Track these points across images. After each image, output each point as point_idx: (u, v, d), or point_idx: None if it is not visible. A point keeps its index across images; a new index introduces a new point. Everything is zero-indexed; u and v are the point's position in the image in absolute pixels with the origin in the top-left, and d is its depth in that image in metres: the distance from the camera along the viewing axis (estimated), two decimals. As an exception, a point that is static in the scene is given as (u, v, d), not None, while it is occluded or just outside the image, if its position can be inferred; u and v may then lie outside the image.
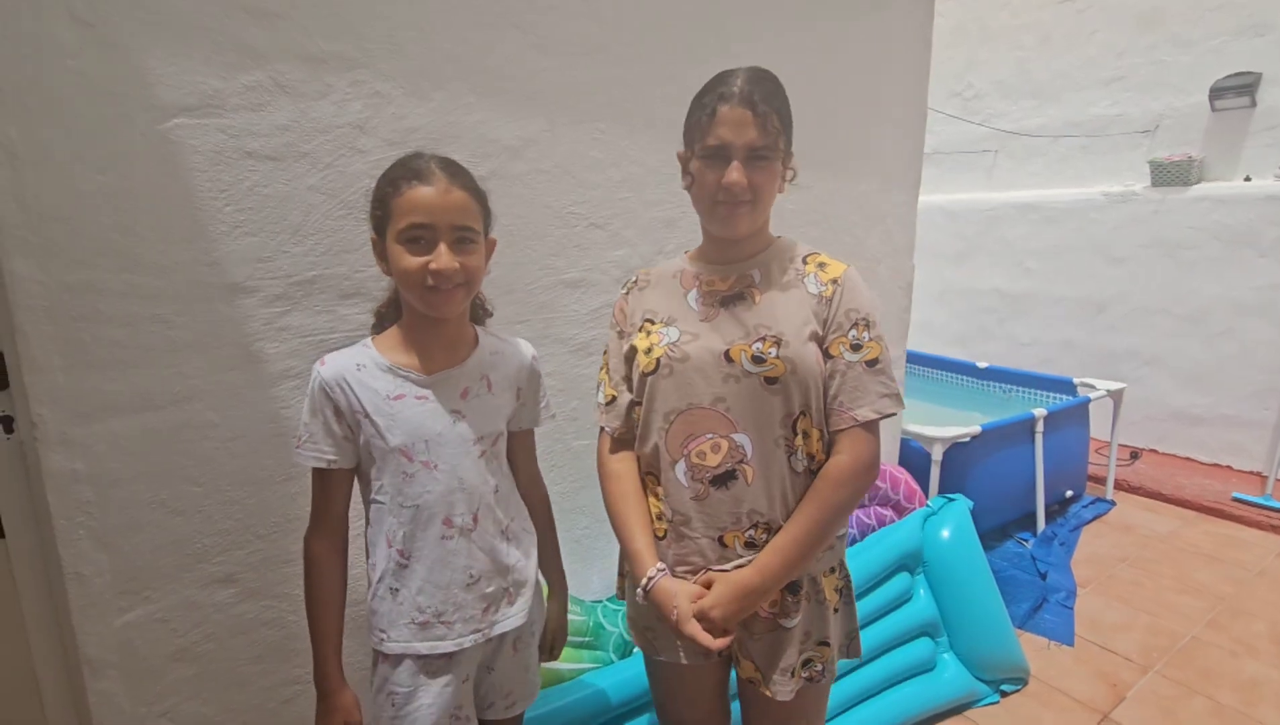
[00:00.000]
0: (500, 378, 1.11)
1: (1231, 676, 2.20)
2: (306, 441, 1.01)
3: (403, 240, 0.95)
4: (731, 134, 0.99)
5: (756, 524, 1.04)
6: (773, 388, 1.02)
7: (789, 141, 1.06)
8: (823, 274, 1.08)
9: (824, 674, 1.11)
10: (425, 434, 1.01)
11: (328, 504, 1.04)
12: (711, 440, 1.03)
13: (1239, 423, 3.83)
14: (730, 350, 1.03)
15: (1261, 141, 3.80)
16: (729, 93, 0.99)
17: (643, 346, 1.09)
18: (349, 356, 1.03)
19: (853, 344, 1.04)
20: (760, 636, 1.09)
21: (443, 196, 0.95)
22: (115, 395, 1.15)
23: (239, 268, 1.23)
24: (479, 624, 1.07)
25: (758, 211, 1.05)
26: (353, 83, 1.30)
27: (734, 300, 1.08)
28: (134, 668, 1.24)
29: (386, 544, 1.03)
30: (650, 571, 1.04)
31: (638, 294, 1.17)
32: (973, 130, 4.99)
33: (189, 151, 1.16)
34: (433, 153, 1.01)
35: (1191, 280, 3.93)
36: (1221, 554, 3.03)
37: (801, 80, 2.14)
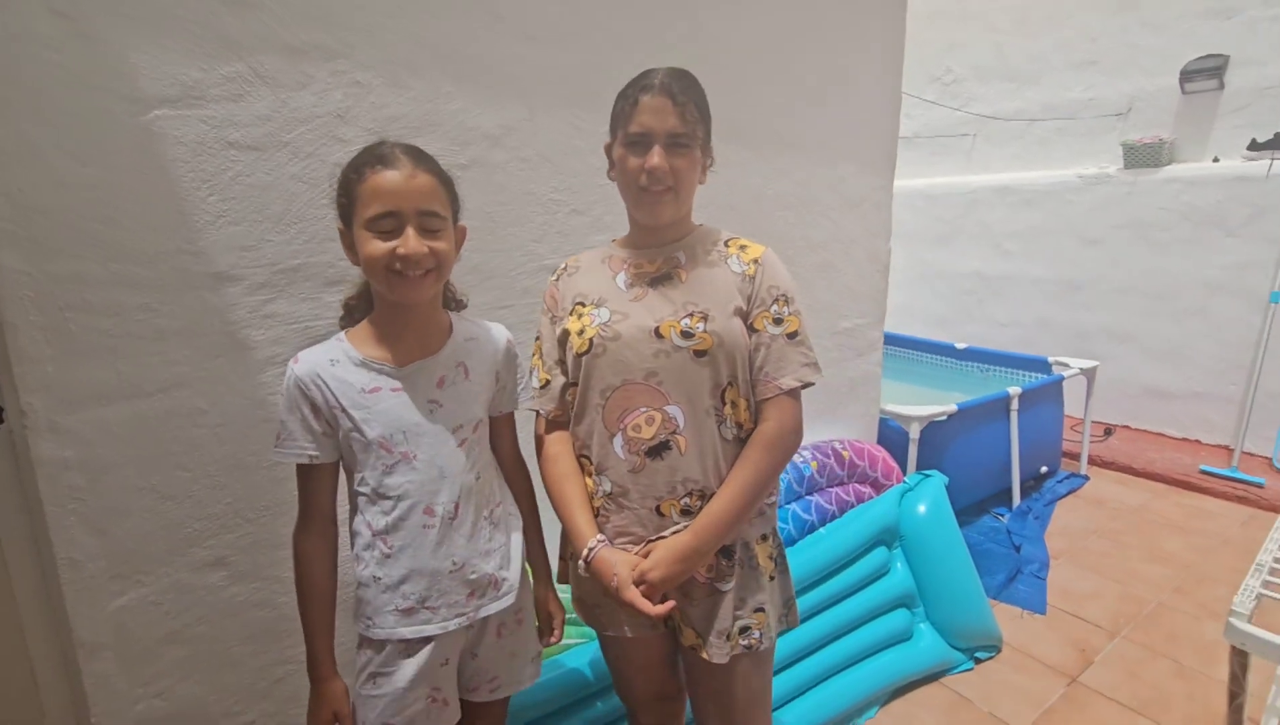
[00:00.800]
0: (477, 364, 1.12)
1: (1194, 639, 2.29)
2: (285, 439, 1.01)
3: (369, 227, 0.96)
4: (653, 120, 1.05)
5: (691, 492, 1.09)
6: (701, 360, 1.07)
7: (708, 133, 1.13)
8: (744, 255, 1.15)
9: (762, 640, 1.14)
10: (403, 425, 1.03)
11: (313, 500, 1.05)
12: (645, 413, 1.08)
13: (1208, 398, 3.94)
14: (660, 327, 1.08)
15: (1230, 123, 3.88)
16: (650, 84, 1.06)
17: (575, 328, 1.13)
18: (322, 352, 1.03)
19: (775, 318, 1.11)
20: (699, 602, 1.14)
21: (408, 181, 0.96)
22: (104, 383, 1.17)
23: (223, 256, 1.25)
24: (464, 609, 1.09)
25: (680, 197, 1.10)
26: (332, 73, 1.32)
27: (661, 280, 1.13)
28: (128, 650, 1.27)
29: (370, 533, 1.05)
30: (591, 542, 1.08)
31: (567, 279, 1.21)
32: (951, 114, 5.05)
33: (171, 142, 1.17)
34: (396, 140, 1.02)
35: (1163, 260, 4.02)
36: (1189, 524, 3.14)
37: (777, 64, 2.19)
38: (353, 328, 1.08)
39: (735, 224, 2.10)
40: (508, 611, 1.16)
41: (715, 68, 1.97)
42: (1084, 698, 2.03)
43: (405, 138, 1.42)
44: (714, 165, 1.17)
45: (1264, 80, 3.75)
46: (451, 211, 1.05)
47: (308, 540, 1.05)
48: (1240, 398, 3.78)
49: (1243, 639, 1.12)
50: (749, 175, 2.14)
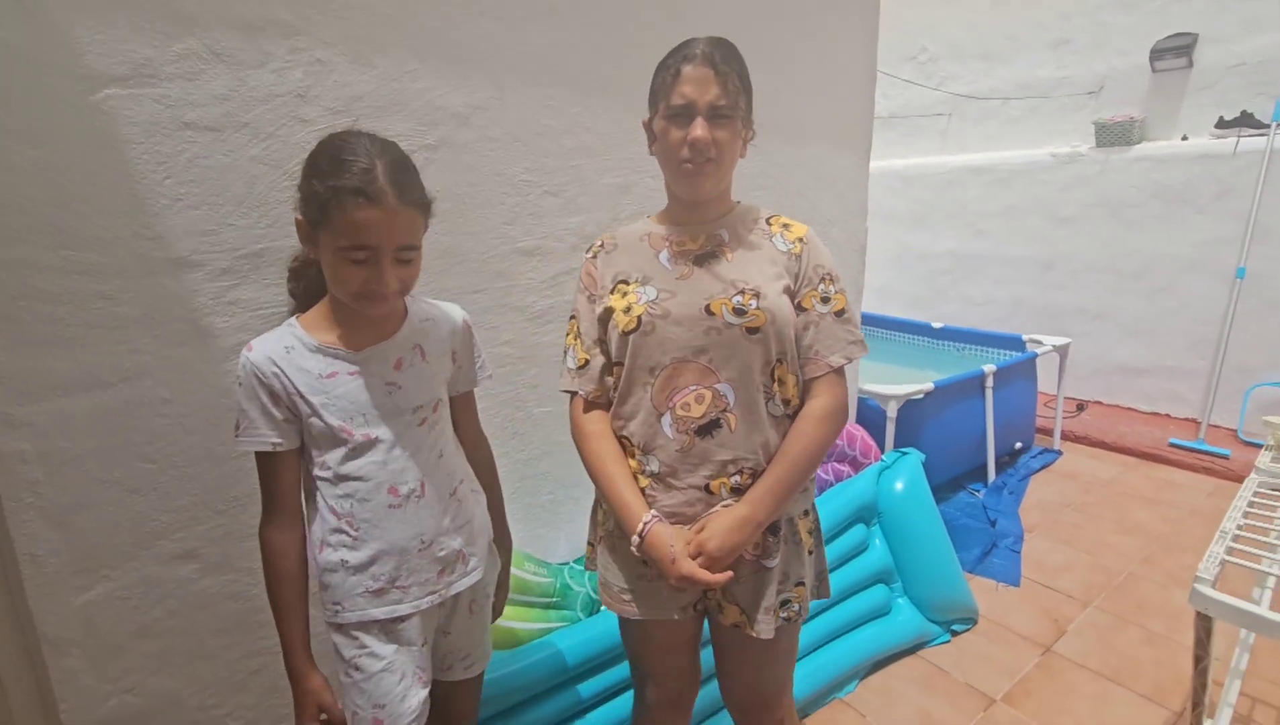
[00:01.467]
0: (433, 344, 1.11)
1: (1162, 607, 2.36)
2: (247, 427, 0.99)
3: (343, 258, 0.93)
4: (695, 91, 1.03)
5: (741, 469, 1.08)
6: (754, 337, 1.06)
7: (749, 104, 1.10)
8: (788, 233, 1.14)
9: (799, 613, 1.17)
10: (362, 408, 1.02)
11: (279, 489, 1.03)
12: (695, 392, 1.07)
13: (1177, 373, 4.02)
14: (710, 304, 1.07)
15: (1198, 101, 3.93)
16: (692, 54, 1.04)
17: (620, 306, 1.10)
18: (276, 339, 1.01)
19: (822, 296, 1.11)
20: (745, 579, 1.13)
21: (389, 220, 0.91)
22: (61, 373, 1.13)
23: (183, 241, 1.21)
24: (435, 586, 1.09)
25: (722, 170, 1.08)
26: (292, 50, 1.28)
27: (706, 258, 1.11)
28: (96, 645, 1.24)
29: (334, 517, 1.03)
30: (645, 517, 1.07)
31: (605, 257, 1.18)
32: (928, 94, 5.06)
33: (123, 123, 1.13)
34: (376, 147, 0.93)
35: (1134, 238, 4.08)
36: (1158, 496, 3.22)
37: (752, 43, 2.15)
38: (304, 313, 1.05)
39: (711, 205, 2.10)
40: (478, 587, 1.17)
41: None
42: (1057, 666, 2.08)
43: (370, 117, 1.40)
44: (754, 138, 1.14)
45: (1231, 58, 3.80)
46: (425, 228, 1.02)
47: (278, 533, 1.03)
48: (1207, 372, 3.86)
49: (1206, 604, 1.15)
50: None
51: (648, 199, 1.95)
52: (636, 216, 1.92)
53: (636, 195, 1.92)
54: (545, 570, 1.76)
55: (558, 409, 1.86)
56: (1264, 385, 3.67)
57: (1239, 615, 1.11)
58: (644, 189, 1.93)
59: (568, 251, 1.79)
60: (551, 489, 1.90)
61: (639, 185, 1.92)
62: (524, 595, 1.67)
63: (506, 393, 1.74)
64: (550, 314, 1.79)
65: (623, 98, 1.82)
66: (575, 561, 1.90)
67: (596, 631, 1.61)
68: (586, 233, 1.82)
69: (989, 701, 1.94)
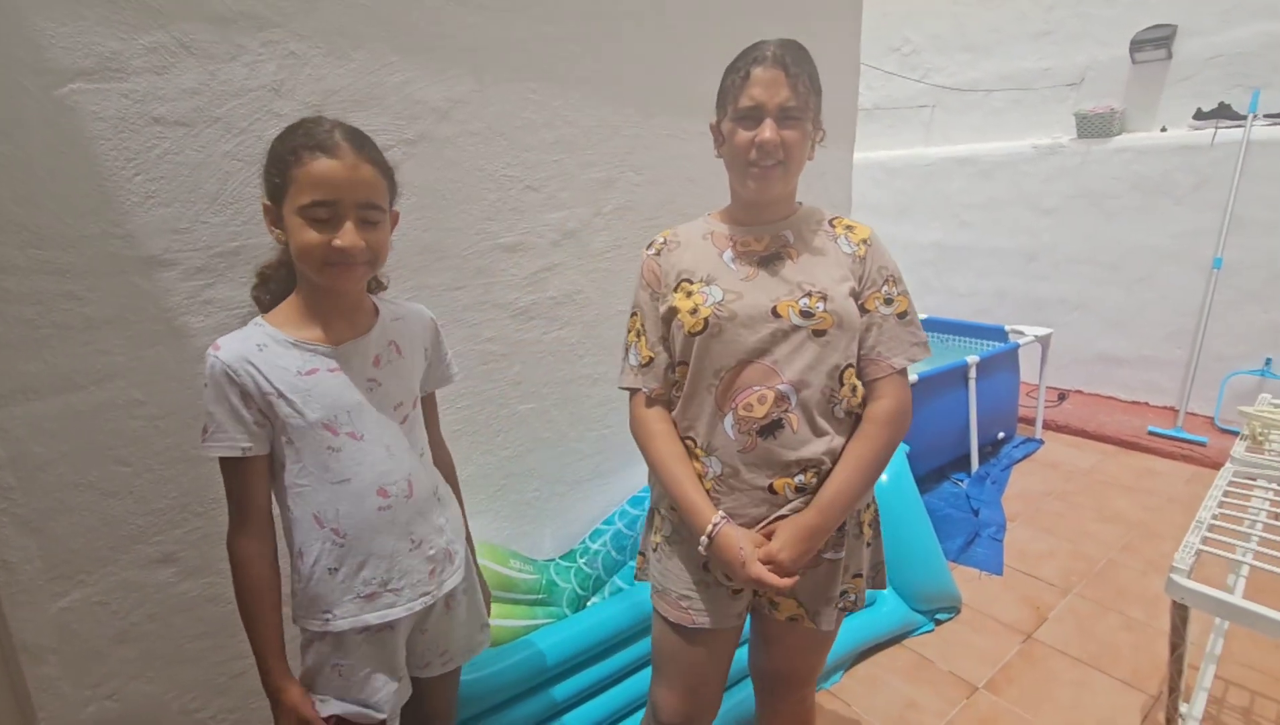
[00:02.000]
0: (408, 342, 1.10)
1: (1141, 593, 2.40)
2: (215, 431, 0.94)
3: (304, 215, 0.91)
4: (765, 94, 1.03)
5: (806, 469, 1.08)
6: (821, 340, 1.06)
7: (819, 106, 1.10)
8: (852, 235, 1.13)
9: (856, 604, 1.18)
10: (345, 405, 0.99)
11: (249, 497, 0.98)
12: (758, 392, 1.07)
13: (1156, 362, 4.08)
14: (777, 306, 1.07)
15: (1177, 92, 3.97)
16: (762, 56, 1.04)
17: (686, 307, 1.10)
18: (245, 337, 0.97)
19: (885, 298, 1.11)
20: (807, 573, 1.13)
21: (350, 171, 0.91)
22: (31, 376, 1.11)
23: (155, 240, 1.19)
24: (427, 586, 1.08)
25: (789, 172, 1.08)
26: (265, 43, 1.25)
27: (771, 260, 1.11)
28: (74, 652, 1.22)
29: (317, 524, 0.99)
30: (715, 518, 1.07)
31: (668, 254, 1.17)
32: (911, 86, 5.07)
33: (90, 118, 1.10)
34: (336, 119, 0.96)
35: (1114, 229, 4.12)
36: (1138, 484, 3.27)
37: (736, 36, 2.14)
38: (269, 312, 1.02)
39: (695, 197, 2.09)
40: (458, 585, 1.17)
41: (674, 40, 1.94)
42: (1038, 653, 2.11)
43: (347, 112, 1.37)
44: (824, 139, 1.14)
45: (1209, 50, 3.83)
46: (389, 200, 1.00)
47: (247, 542, 0.99)
48: (1185, 361, 3.92)
49: (1182, 594, 1.17)
50: (709, 147, 2.09)
51: (631, 193, 1.94)
52: (618, 211, 1.92)
53: (619, 189, 1.90)
54: (531, 567, 1.76)
55: (541, 406, 1.85)
56: (1240, 373, 3.73)
57: (1213, 604, 1.13)
58: (626, 183, 1.92)
59: (549, 247, 1.78)
60: (536, 486, 1.89)
61: (621, 180, 1.90)
62: (510, 592, 1.67)
63: (490, 390, 1.73)
64: (533, 310, 1.78)
65: (604, 91, 1.81)
66: (562, 558, 1.89)
67: (582, 628, 1.61)
68: (568, 228, 1.81)
69: (972, 689, 1.97)
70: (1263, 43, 3.66)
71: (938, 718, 1.87)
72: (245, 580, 0.99)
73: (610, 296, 1.94)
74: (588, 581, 1.83)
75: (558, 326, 1.84)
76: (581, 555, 1.87)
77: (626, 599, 1.69)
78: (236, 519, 1.00)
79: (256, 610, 0.99)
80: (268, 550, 1.01)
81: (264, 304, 1.06)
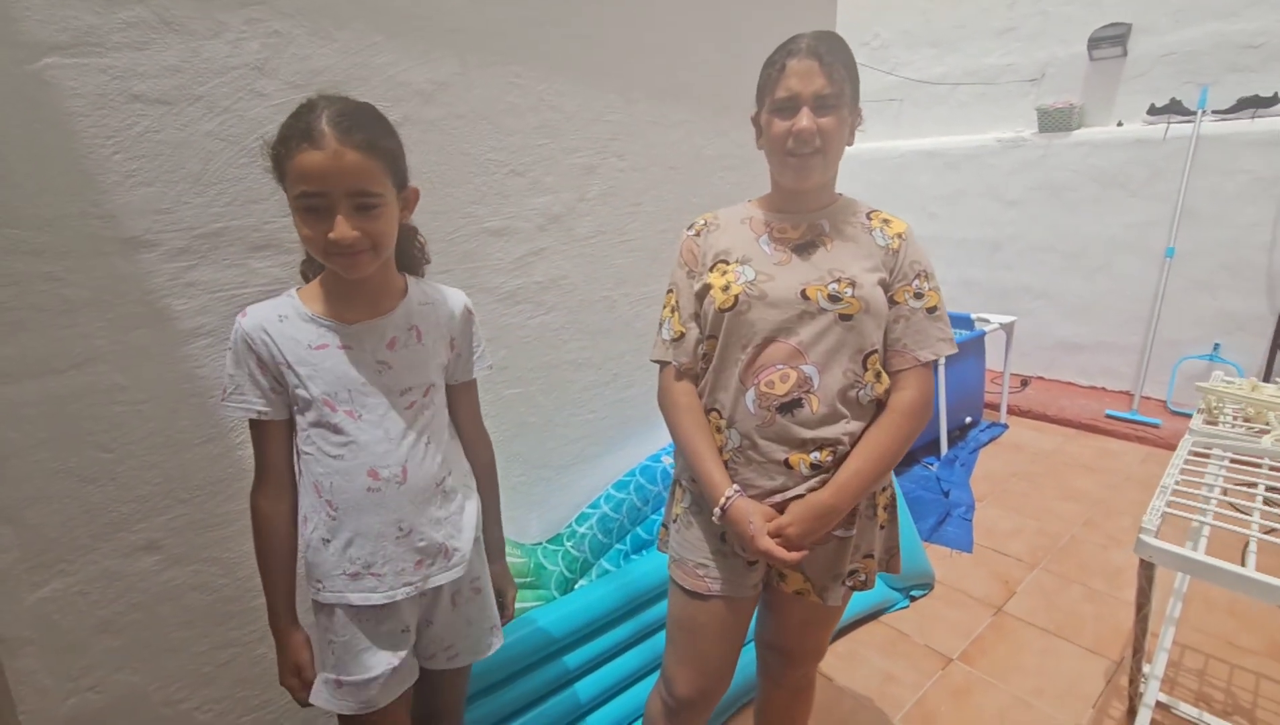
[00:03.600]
0: (431, 328, 1.09)
1: (1102, 566, 2.51)
2: (232, 392, 0.98)
3: (298, 206, 0.91)
4: (800, 84, 1.05)
5: (822, 447, 1.10)
6: (847, 324, 1.09)
7: (855, 93, 1.12)
8: (888, 229, 1.16)
9: (865, 583, 1.21)
10: (348, 384, 1.00)
11: (266, 457, 1.03)
12: (780, 370, 1.09)
13: (1112, 348, 4.25)
14: (806, 289, 1.09)
15: (1132, 88, 4.12)
16: (797, 48, 1.07)
17: (719, 284, 1.13)
18: (271, 307, 1.00)
19: (916, 292, 1.13)
20: (818, 549, 1.15)
21: (333, 161, 0.88)
22: (7, 360, 1.07)
23: (136, 220, 1.16)
24: (411, 577, 1.06)
25: (828, 160, 1.10)
26: (248, 20, 1.23)
27: (806, 247, 1.13)
28: (54, 643, 1.19)
29: (316, 493, 1.02)
30: (728, 491, 1.11)
31: (707, 235, 1.21)
32: (881, 79, 5.16)
33: (66, 94, 1.07)
34: (331, 99, 0.92)
35: (1073, 220, 4.27)
36: (1097, 464, 3.41)
37: (716, 26, 2.17)
38: (305, 285, 1.04)
39: (677, 184, 2.11)
40: (462, 581, 1.15)
41: (656, 26, 1.95)
42: (1008, 625, 2.20)
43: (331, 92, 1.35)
44: (863, 124, 1.17)
45: (1162, 48, 3.99)
46: (393, 181, 0.98)
47: (264, 500, 1.03)
48: (1140, 347, 4.09)
49: (1150, 552, 1.24)
50: (691, 135, 2.13)
51: (614, 179, 1.95)
52: (602, 197, 1.93)
53: (602, 175, 1.91)
54: (519, 551, 1.76)
55: (527, 391, 1.86)
56: (1190, 358, 3.91)
57: (1179, 561, 1.20)
58: (609, 169, 1.93)
59: (535, 231, 1.78)
60: (522, 470, 1.89)
61: (604, 165, 1.91)
62: (498, 577, 1.67)
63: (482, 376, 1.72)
64: (519, 295, 1.78)
65: (587, 76, 1.81)
66: (549, 541, 1.90)
67: (570, 610, 1.63)
68: (553, 213, 1.81)
69: (946, 661, 2.04)
70: (1212, 42, 3.82)
71: (914, 689, 1.93)
72: (258, 535, 1.04)
73: (595, 282, 1.95)
74: (575, 564, 1.85)
75: (543, 311, 1.84)
76: (568, 539, 1.89)
77: (614, 581, 1.71)
78: (257, 477, 1.05)
79: (266, 561, 1.05)
80: (283, 507, 1.04)
81: (307, 277, 1.08)
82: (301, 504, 1.05)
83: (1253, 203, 3.62)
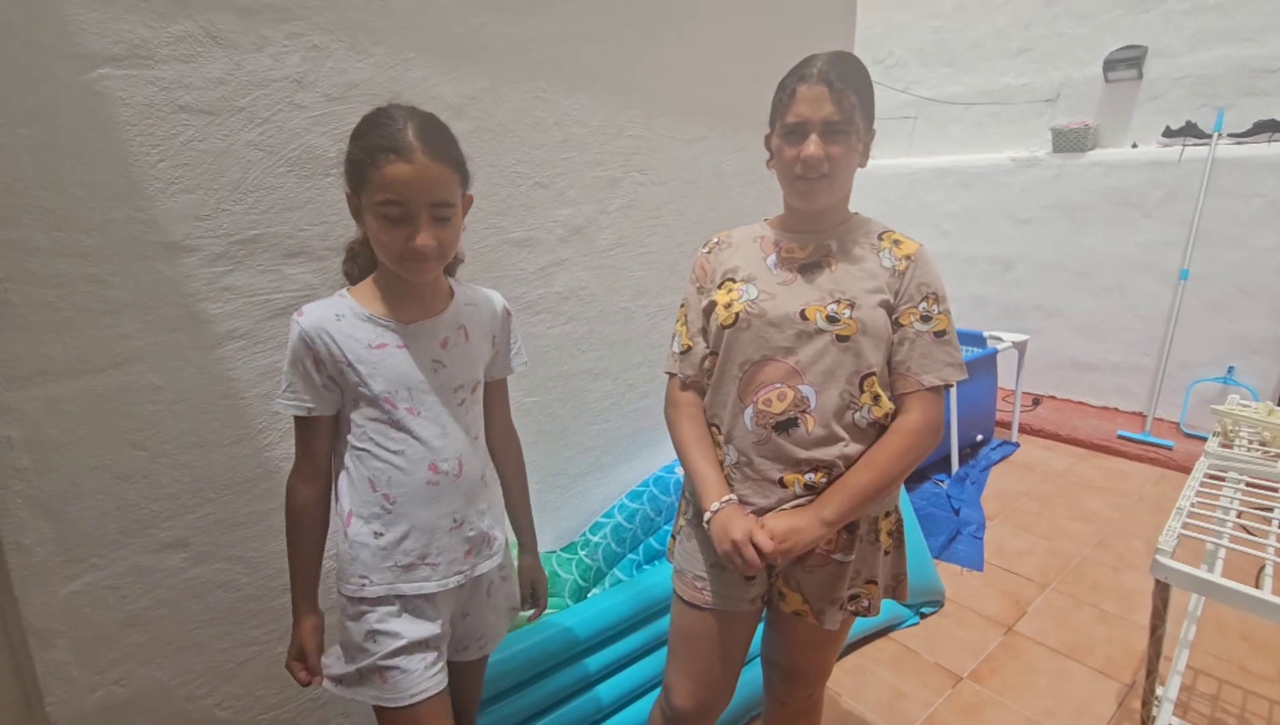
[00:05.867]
0: (476, 327, 1.13)
1: (1114, 588, 2.50)
2: (286, 390, 1.03)
3: (379, 212, 0.95)
4: (809, 110, 1.06)
5: (817, 468, 1.11)
6: (844, 345, 1.09)
7: (868, 117, 1.12)
8: (897, 250, 1.15)
9: (869, 609, 1.19)
10: (408, 382, 1.04)
11: (309, 447, 1.07)
12: (778, 389, 1.11)
13: (1124, 369, 4.24)
14: (805, 309, 1.10)
15: (1147, 111, 4.14)
16: (808, 74, 1.07)
17: (723, 301, 1.15)
18: (327, 306, 1.03)
19: (923, 315, 1.12)
20: (813, 570, 1.15)
21: (420, 174, 0.94)
22: (50, 358, 1.11)
23: (177, 226, 1.20)
24: (461, 566, 1.11)
25: (836, 185, 1.11)
26: (289, 35, 1.27)
27: (811, 267, 1.14)
28: (84, 636, 1.22)
29: (371, 488, 1.05)
30: (716, 504, 1.12)
31: (719, 253, 1.24)
32: (896, 97, 5.19)
33: (117, 104, 1.11)
34: (409, 111, 0.97)
35: (1086, 239, 4.27)
36: (1109, 485, 3.39)
37: (734, 42, 2.21)
38: (355, 286, 1.08)
39: (696, 199, 2.14)
40: (495, 569, 1.20)
41: (678, 44, 1.99)
42: (1019, 645, 2.19)
43: (365, 105, 1.37)
44: (875, 137, 1.16)
45: (1178, 71, 4.01)
46: (462, 190, 1.04)
47: (301, 483, 1.07)
48: (1153, 368, 4.08)
49: (1166, 573, 1.24)
50: (710, 150, 2.16)
51: (635, 193, 1.98)
52: (623, 210, 1.96)
53: (624, 189, 1.95)
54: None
55: (545, 399, 1.88)
56: (1204, 381, 3.90)
57: (1195, 583, 1.21)
58: (631, 183, 1.96)
59: (556, 243, 1.81)
60: (538, 479, 1.91)
61: (625, 179, 1.95)
62: (513, 582, 1.69)
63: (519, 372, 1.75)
64: (540, 305, 1.81)
65: (611, 92, 1.85)
66: (563, 549, 1.92)
67: (584, 617, 1.64)
68: (575, 225, 1.85)
69: (956, 679, 2.04)
70: (1228, 66, 3.84)
71: (924, 706, 1.93)
72: (292, 513, 1.08)
73: (614, 293, 1.98)
74: (589, 573, 1.86)
75: (563, 321, 1.87)
76: (582, 547, 1.90)
77: (627, 590, 1.72)
78: (297, 462, 1.09)
79: (296, 539, 1.08)
80: (319, 493, 1.09)
81: (353, 277, 1.11)
82: (347, 501, 1.07)
83: (1268, 226, 3.62)
